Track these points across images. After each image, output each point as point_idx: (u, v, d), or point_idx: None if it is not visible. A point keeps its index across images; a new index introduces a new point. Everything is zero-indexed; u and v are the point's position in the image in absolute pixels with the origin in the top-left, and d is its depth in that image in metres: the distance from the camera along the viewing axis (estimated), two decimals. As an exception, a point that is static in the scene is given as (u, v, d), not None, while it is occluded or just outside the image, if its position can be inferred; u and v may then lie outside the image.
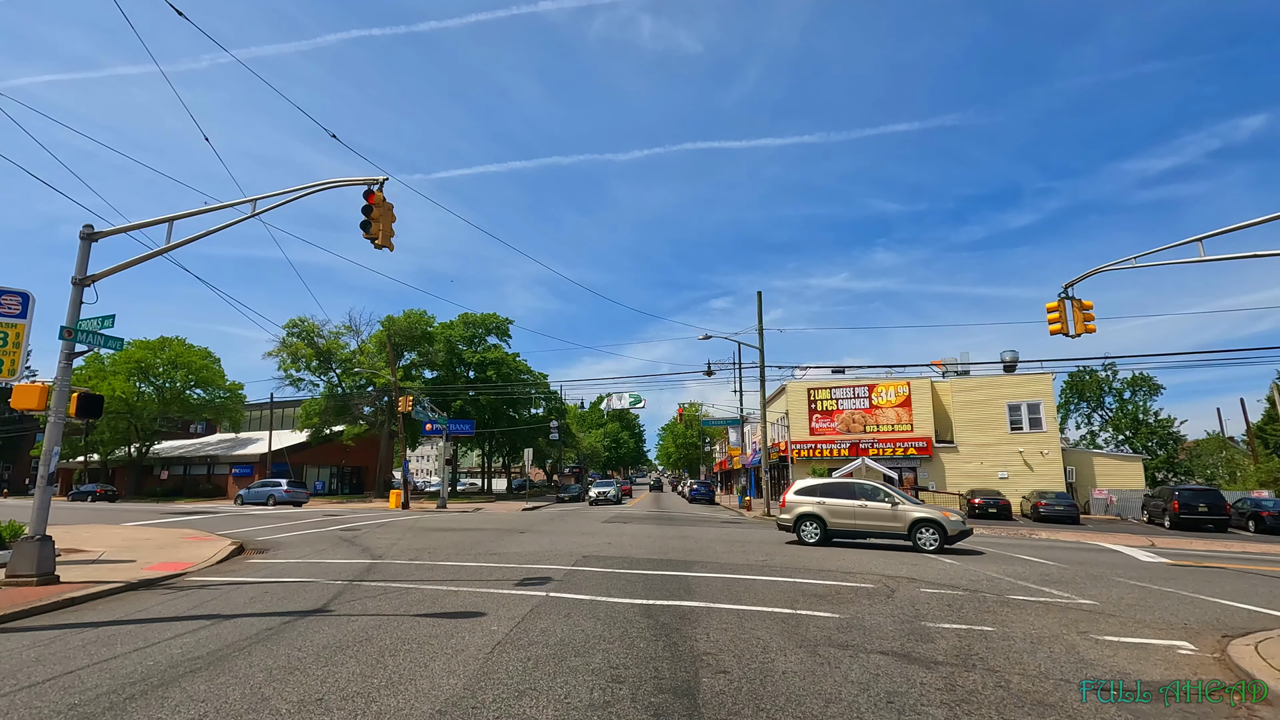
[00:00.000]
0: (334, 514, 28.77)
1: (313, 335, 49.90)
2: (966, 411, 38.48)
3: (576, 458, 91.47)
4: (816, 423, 41.34)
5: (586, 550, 14.04)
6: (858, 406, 40.81)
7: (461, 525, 21.15)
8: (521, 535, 17.56)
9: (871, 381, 40.92)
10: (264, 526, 20.91)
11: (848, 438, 40.23)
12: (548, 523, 22.27)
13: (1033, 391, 37.26)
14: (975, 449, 37.92)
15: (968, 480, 37.15)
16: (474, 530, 19.34)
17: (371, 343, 52.33)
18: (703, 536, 17.89)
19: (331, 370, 51.10)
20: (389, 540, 16.22)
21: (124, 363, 52.75)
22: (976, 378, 38.98)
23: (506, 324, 56.00)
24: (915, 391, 39.71)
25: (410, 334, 51.37)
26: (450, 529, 19.91)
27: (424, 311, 52.13)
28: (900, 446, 38.62)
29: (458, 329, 53.94)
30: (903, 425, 39.61)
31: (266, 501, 39.92)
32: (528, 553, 13.55)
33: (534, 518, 25.46)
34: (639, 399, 30.97)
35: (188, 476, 58.36)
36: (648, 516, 28.09)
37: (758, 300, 31.44)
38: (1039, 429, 36.91)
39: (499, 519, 24.72)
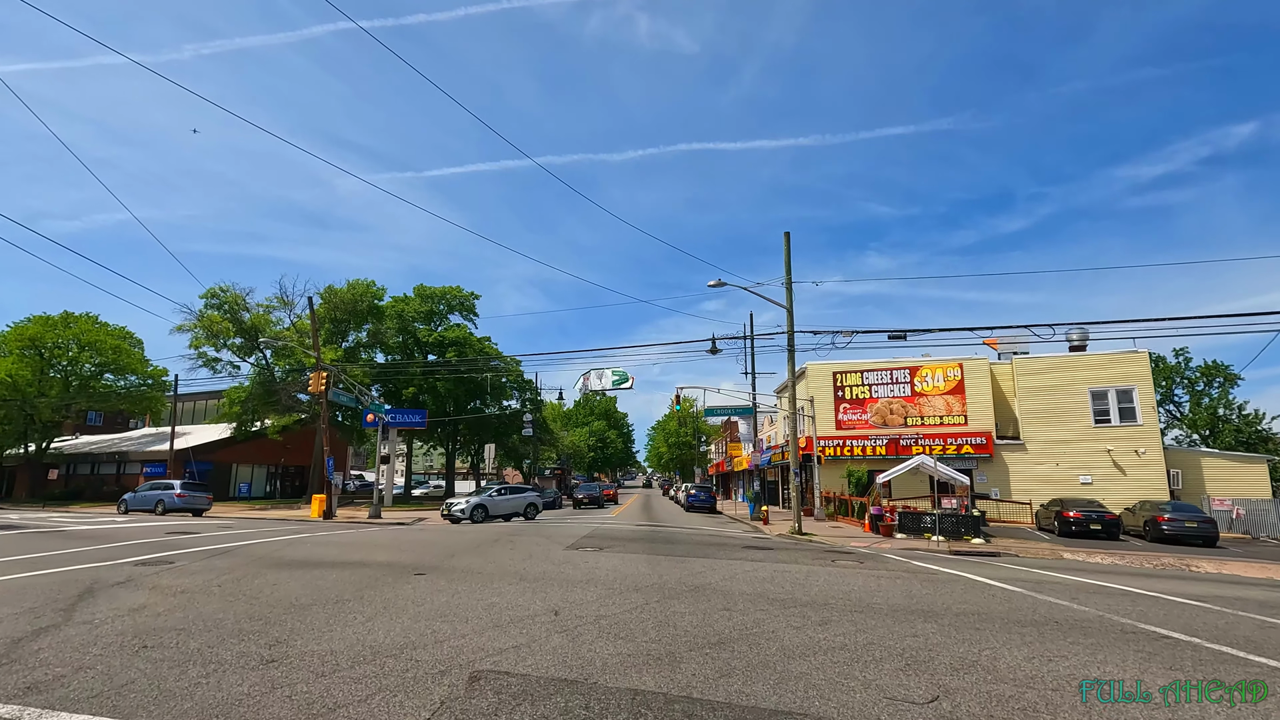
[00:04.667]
0: (225, 526, 20.65)
1: (236, 308, 41.52)
2: (1036, 399, 30.85)
3: (558, 458, 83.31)
4: (845, 413, 33.56)
5: (494, 651, 6.05)
6: (896, 394, 33.09)
7: (340, 557, 13.14)
8: (405, 586, 9.57)
9: (914, 363, 33.19)
10: (46, 553, 12.69)
11: (884, 432, 32.48)
12: (477, 551, 14.31)
13: (1123, 374, 29.69)
14: (1048, 447, 30.30)
15: (1039, 486, 29.50)
16: (343, 568, 11.33)
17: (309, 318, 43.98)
18: (733, 583, 10.03)
19: (259, 351, 42.73)
20: (133, 601, 8.16)
21: (14, 340, 44.17)
22: (1049, 357, 31.36)
23: (471, 299, 47.83)
24: (970, 374, 32.03)
25: (354, 308, 43.09)
26: (314, 564, 11.88)
27: (372, 282, 43.86)
28: (952, 443, 30.92)
29: (413, 304, 45.77)
30: (954, 417, 31.92)
31: (154, 508, 31.55)
32: (333, 671, 5.54)
33: (467, 539, 17.50)
34: (624, 377, 23.25)
35: (95, 476, 49.58)
36: (635, 535, 20.19)
37: (785, 244, 23.64)
38: (1132, 421, 29.32)
39: (416, 542, 16.72)
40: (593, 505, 41.84)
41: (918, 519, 22.67)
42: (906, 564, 14.09)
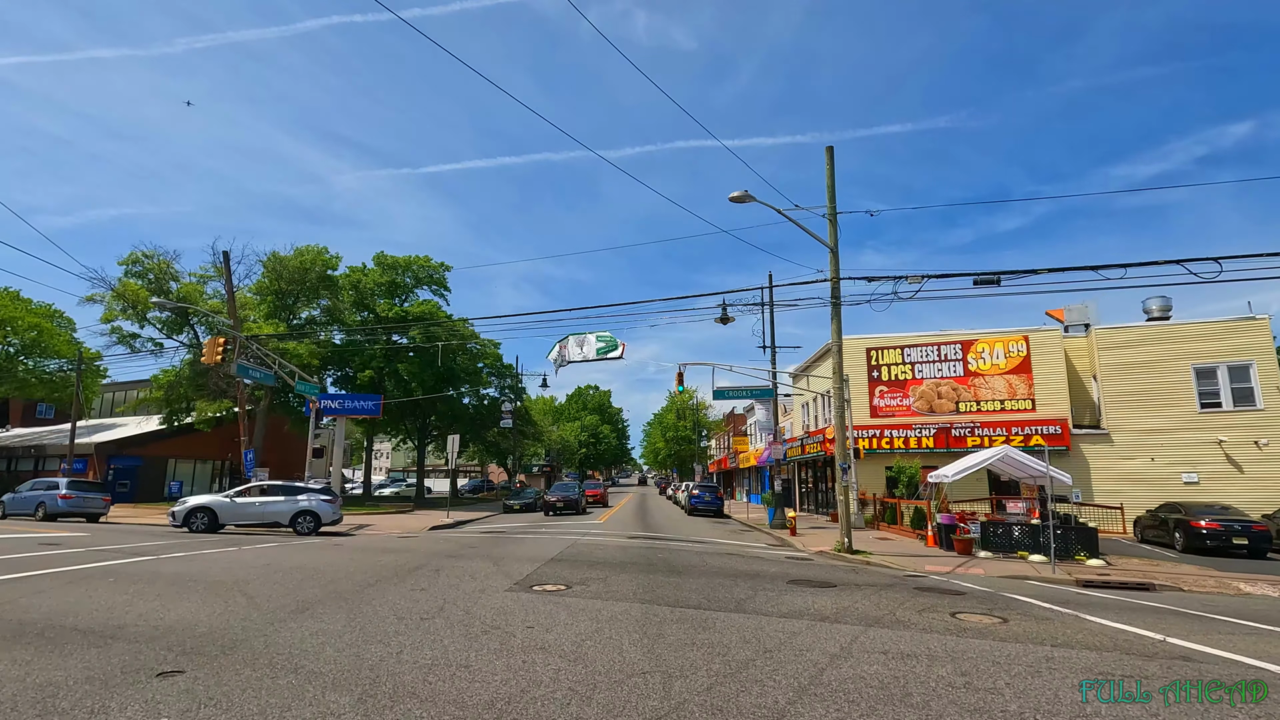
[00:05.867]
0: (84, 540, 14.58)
1: (163, 277, 35.45)
2: (1123, 379, 25.06)
3: (546, 454, 77.43)
4: (880, 398, 27.74)
5: None
6: (945, 373, 27.26)
7: (100, 617, 7.28)
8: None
9: (967, 335, 27.37)
10: None
11: (931, 420, 26.67)
12: (355, 599, 8.48)
13: (1238, 346, 23.90)
14: (1139, 437, 24.50)
15: (1129, 487, 23.72)
16: (49, 648, 5.47)
17: (253, 290, 37.94)
18: (820, 691, 4.29)
19: (191, 328, 36.68)
20: None
21: (-90, 316, 38.07)
22: (1139, 327, 25.56)
23: (442, 270, 41.73)
24: (1038, 349, 26.21)
25: (303, 279, 37.02)
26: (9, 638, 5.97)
27: (324, 249, 37.74)
28: (1017, 433, 25.12)
29: (372, 275, 39.68)
30: (1019, 401, 26.11)
31: (35, 512, 25.56)
32: None
33: (359, 566, 11.70)
34: (613, 343, 17.60)
35: (12, 474, 43.52)
36: (626, 558, 14.37)
37: (827, 161, 17.78)
38: (1249, 405, 23.55)
39: (273, 574, 10.84)
40: (570, 511, 31.69)
41: (1007, 531, 16.86)
42: (1067, 616, 8.22)
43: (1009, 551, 16.67)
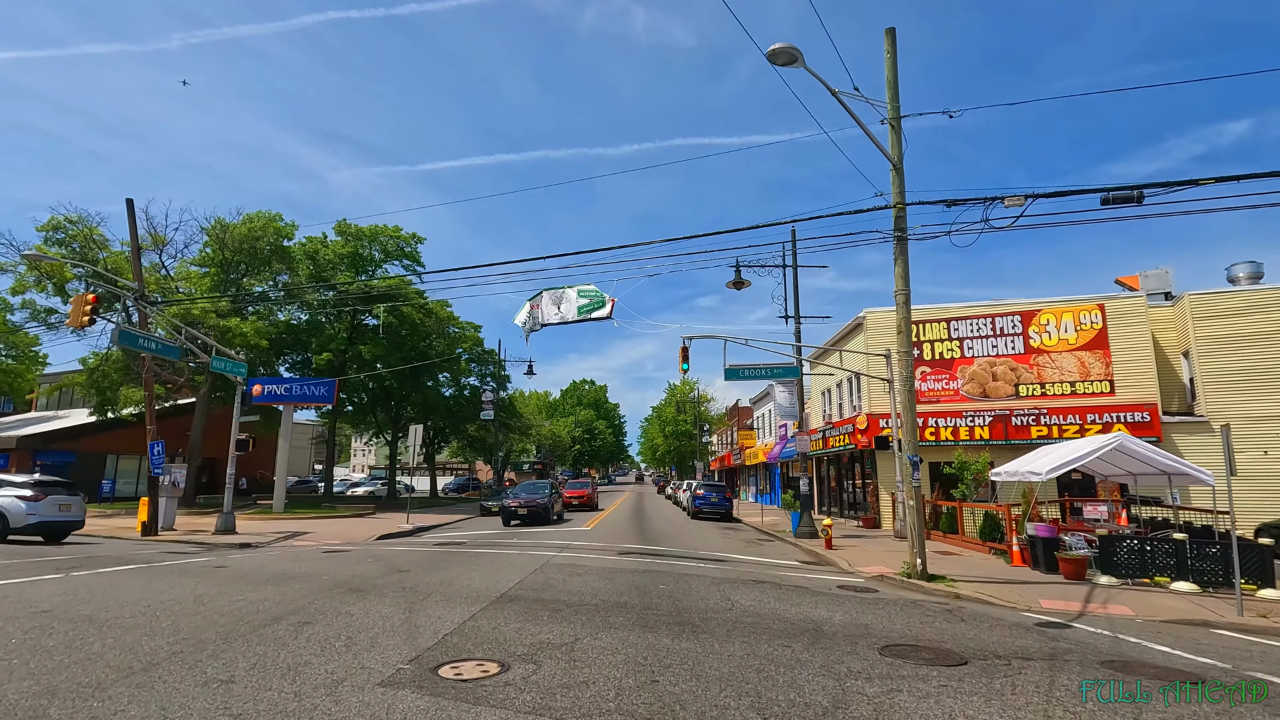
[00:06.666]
0: None
1: (88, 246, 30.85)
2: (1224, 356, 20.66)
3: (537, 450, 72.98)
4: (923, 381, 23.28)
5: None
6: (1002, 350, 22.83)
7: None
8: None
9: (1028, 306, 22.96)
10: None
11: (986, 405, 22.24)
12: (98, 696, 3.94)
13: (1373, 313, 19.52)
14: (1244, 426, 20.04)
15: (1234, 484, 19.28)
16: None
17: (195, 262, 33.34)
18: None
19: (123, 305, 32.08)
20: None
21: None
22: (1244, 292, 21.17)
23: (414, 242, 37.14)
24: (1115, 320, 21.79)
25: (253, 249, 32.43)
26: None
27: (277, 216, 33.11)
28: (1094, 421, 20.71)
29: (333, 246, 35.09)
30: (1094, 382, 21.67)
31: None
32: None
33: (203, 618, 7.24)
34: (600, 300, 13.09)
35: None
36: (612, 591, 10.00)
37: (887, 45, 13.40)
38: (1389, 385, 19.17)
39: (64, 623, 6.39)
40: (535, 522, 23.03)
41: (1138, 548, 12.42)
42: None
43: (1137, 576, 12.24)
